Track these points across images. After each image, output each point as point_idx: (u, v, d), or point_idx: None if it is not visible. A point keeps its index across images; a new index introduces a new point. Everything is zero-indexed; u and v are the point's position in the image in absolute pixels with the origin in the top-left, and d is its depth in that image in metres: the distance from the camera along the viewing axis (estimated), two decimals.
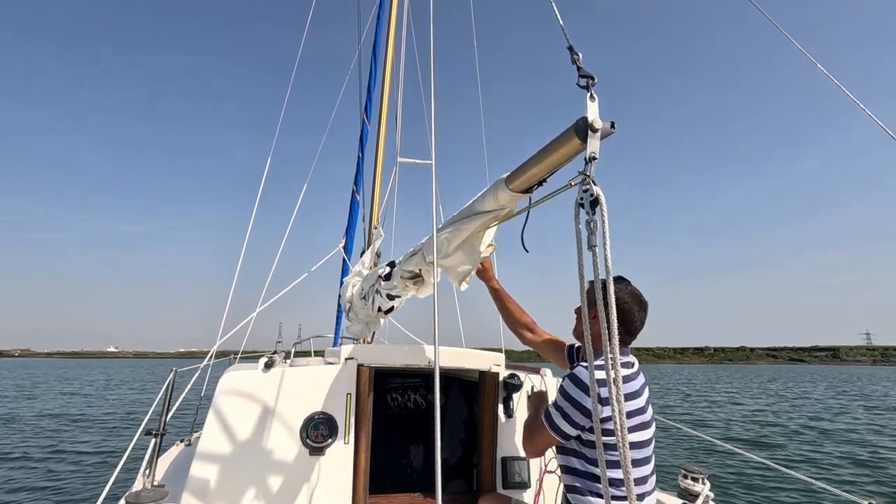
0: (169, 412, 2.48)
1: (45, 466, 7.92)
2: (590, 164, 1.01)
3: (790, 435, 11.57)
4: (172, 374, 2.71)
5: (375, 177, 4.37)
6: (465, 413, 3.02)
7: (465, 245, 1.81)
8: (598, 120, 1.01)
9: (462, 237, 1.76)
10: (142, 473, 2.29)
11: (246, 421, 2.20)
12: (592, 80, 1.07)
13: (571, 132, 1.05)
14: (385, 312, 3.03)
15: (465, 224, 1.71)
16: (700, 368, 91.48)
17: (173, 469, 2.94)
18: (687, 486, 2.40)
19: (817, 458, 9.06)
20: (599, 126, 1.00)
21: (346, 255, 4.80)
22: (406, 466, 3.19)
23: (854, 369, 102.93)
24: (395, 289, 2.53)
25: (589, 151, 1.01)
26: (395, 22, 4.79)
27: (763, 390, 27.71)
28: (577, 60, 1.14)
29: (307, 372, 2.34)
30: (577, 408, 1.50)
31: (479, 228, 1.71)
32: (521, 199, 1.49)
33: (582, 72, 1.10)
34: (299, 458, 2.20)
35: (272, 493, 2.14)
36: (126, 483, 3.23)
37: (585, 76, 1.08)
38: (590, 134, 1.00)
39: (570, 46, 1.20)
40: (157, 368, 57.68)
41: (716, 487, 3.48)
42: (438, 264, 1.96)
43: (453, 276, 1.96)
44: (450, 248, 1.82)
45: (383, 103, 4.52)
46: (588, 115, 1.01)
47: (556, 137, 1.14)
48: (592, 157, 1.01)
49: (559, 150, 1.14)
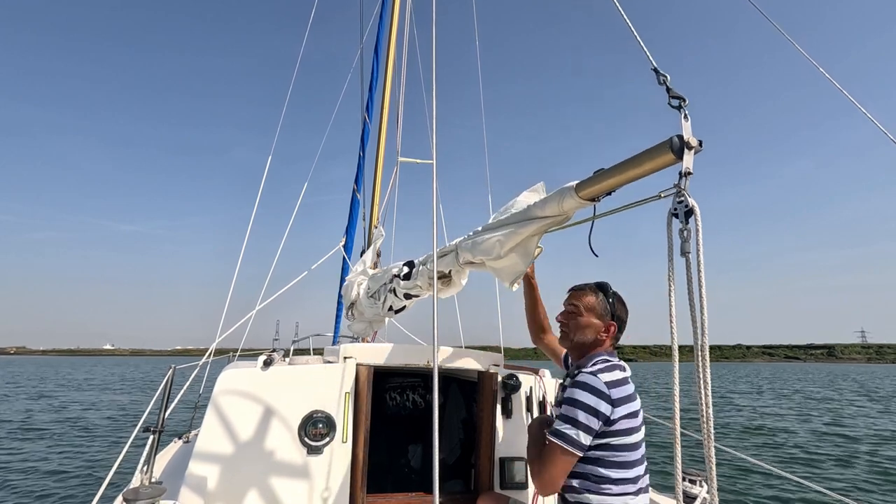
0: (167, 409, 2.48)
1: (42, 463, 7.90)
2: (685, 178, 1.11)
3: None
4: (171, 371, 2.71)
5: (376, 176, 4.38)
6: (463, 413, 3.02)
7: (520, 248, 1.86)
8: (694, 138, 1.10)
9: (518, 240, 1.82)
10: (140, 470, 2.29)
11: (244, 419, 2.20)
12: (684, 101, 1.17)
13: (666, 148, 1.14)
14: (395, 312, 3.04)
15: (522, 227, 1.78)
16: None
17: (171, 466, 2.94)
18: (685, 489, 2.41)
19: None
20: (695, 144, 1.10)
21: (347, 254, 4.80)
22: (404, 466, 3.19)
23: (849, 367, 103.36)
24: (415, 288, 2.54)
25: (685, 167, 1.11)
26: (397, 22, 4.80)
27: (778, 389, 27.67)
28: (666, 82, 1.23)
29: (306, 370, 2.34)
30: (594, 414, 1.49)
31: (536, 232, 1.77)
32: (584, 208, 1.55)
33: (672, 93, 1.19)
34: (297, 457, 2.20)
35: (270, 491, 2.14)
36: (124, 480, 3.22)
37: (676, 97, 1.18)
38: (685, 151, 1.10)
39: (656, 69, 1.29)
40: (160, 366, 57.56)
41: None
42: (489, 265, 2.02)
43: (505, 277, 2.00)
44: (503, 251, 1.88)
45: (385, 103, 4.53)
46: (684, 134, 1.11)
47: (645, 151, 1.21)
48: (688, 171, 1.11)
49: (648, 163, 1.21)
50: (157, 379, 30.57)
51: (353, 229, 4.87)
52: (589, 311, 1.70)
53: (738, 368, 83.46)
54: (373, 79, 4.84)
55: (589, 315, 1.69)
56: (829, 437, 11.48)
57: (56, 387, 24.73)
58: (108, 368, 55.92)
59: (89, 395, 20.15)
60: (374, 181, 4.37)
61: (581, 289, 1.75)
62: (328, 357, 2.68)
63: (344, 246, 4.82)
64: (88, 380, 31.15)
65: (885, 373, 68.47)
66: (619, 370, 1.62)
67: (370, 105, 4.84)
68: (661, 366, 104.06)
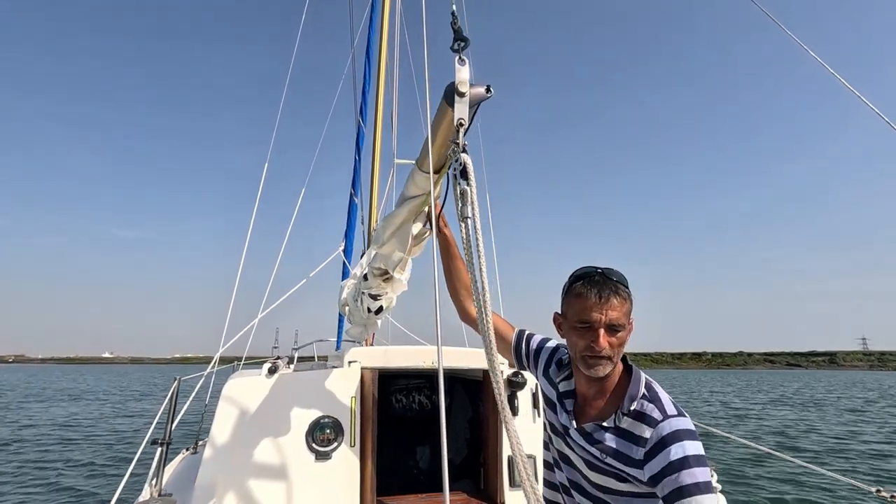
0: (174, 421, 2.48)
1: (52, 477, 7.87)
2: (458, 130, 0.95)
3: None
4: (176, 382, 2.71)
5: (373, 179, 4.37)
6: (469, 412, 3.03)
7: (399, 232, 1.80)
8: (465, 83, 0.96)
9: (396, 223, 1.76)
10: (149, 483, 2.29)
11: (251, 427, 2.20)
12: (465, 42, 1.00)
13: (443, 101, 1.00)
14: (375, 313, 3.03)
15: (396, 210, 1.72)
16: (704, 374, 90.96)
17: (180, 477, 2.94)
18: None
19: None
20: (465, 90, 0.95)
21: (346, 258, 4.80)
22: (413, 468, 3.20)
23: (851, 374, 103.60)
24: (371, 288, 2.54)
25: (457, 117, 0.95)
26: (387, 22, 4.79)
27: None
28: (455, 24, 1.07)
29: (311, 376, 2.35)
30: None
31: (409, 216, 1.71)
32: (437, 179, 1.42)
33: (458, 35, 1.02)
34: (305, 463, 2.20)
35: (279, 498, 2.14)
36: (133, 493, 3.23)
37: (461, 39, 1.01)
38: (457, 99, 0.95)
39: (453, 11, 1.12)
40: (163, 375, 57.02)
41: (722, 479, 3.63)
42: (377, 253, 1.96)
43: (389, 264, 1.96)
44: (385, 236, 1.83)
45: (378, 105, 4.52)
46: (457, 78, 0.96)
47: (437, 110, 1.09)
48: (461, 123, 0.95)
49: (441, 122, 1.08)
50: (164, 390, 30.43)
51: (352, 233, 4.87)
52: (629, 318, 1.18)
53: (742, 375, 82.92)
54: (365, 81, 4.84)
55: (631, 324, 1.19)
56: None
57: (62, 397, 24.63)
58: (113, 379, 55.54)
59: (95, 407, 20.06)
60: (370, 184, 4.37)
61: (619, 293, 1.15)
62: (333, 362, 2.69)
63: (343, 250, 4.82)
64: (91, 390, 31.02)
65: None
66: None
67: (364, 108, 4.83)
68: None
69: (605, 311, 1.12)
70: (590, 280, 1.16)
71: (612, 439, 1.13)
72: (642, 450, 1.08)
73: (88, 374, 63.18)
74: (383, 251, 1.93)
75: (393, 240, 1.84)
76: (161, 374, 57.83)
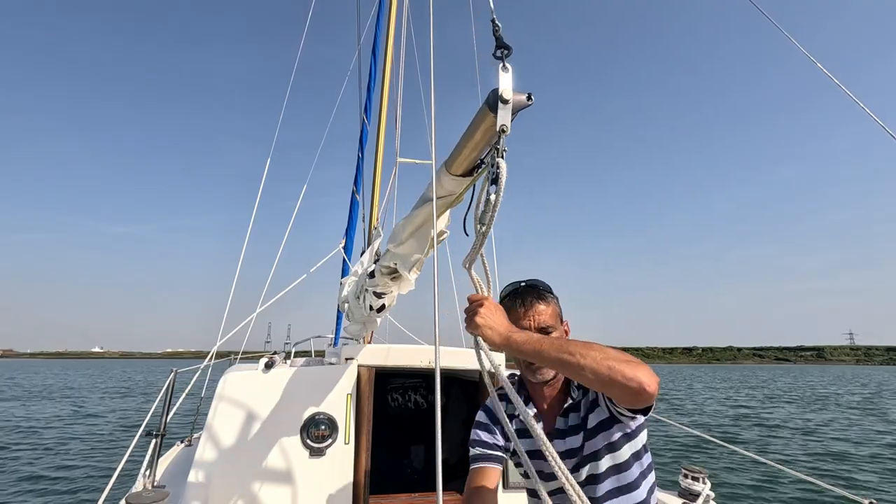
0: (169, 413, 2.46)
1: (45, 468, 7.82)
2: (500, 137, 0.99)
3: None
4: (173, 375, 2.69)
5: (375, 177, 4.37)
6: (465, 413, 3.02)
7: (419, 232, 1.80)
8: (509, 90, 0.98)
9: (416, 223, 1.76)
10: (142, 474, 2.27)
11: (246, 421, 2.19)
12: (508, 51, 1.03)
13: (485, 106, 1.03)
14: (377, 311, 3.03)
15: (417, 210, 1.72)
16: (697, 368, 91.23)
17: (174, 470, 2.92)
18: (688, 486, 2.42)
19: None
20: (509, 97, 0.98)
21: (346, 255, 4.79)
22: (407, 467, 3.19)
23: (839, 368, 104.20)
24: (377, 286, 2.53)
25: (499, 124, 0.99)
26: (394, 21, 4.79)
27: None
28: (498, 31, 1.10)
29: (307, 372, 2.34)
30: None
31: (430, 217, 1.70)
32: (467, 183, 1.44)
33: (500, 43, 1.05)
34: (300, 459, 2.19)
35: (273, 493, 2.13)
36: (126, 484, 3.19)
37: (503, 47, 1.04)
38: (500, 106, 0.98)
39: (493, 19, 1.15)
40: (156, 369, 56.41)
41: (716, 487, 3.54)
42: (393, 253, 1.95)
43: (406, 264, 1.94)
44: (403, 235, 1.82)
45: (383, 103, 4.52)
46: (500, 86, 0.99)
47: (477, 112, 1.11)
48: (503, 129, 0.99)
49: (479, 127, 1.11)
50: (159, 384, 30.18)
51: (352, 230, 4.86)
52: (558, 318, 1.30)
53: (734, 370, 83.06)
54: (371, 79, 4.83)
55: (566, 325, 1.32)
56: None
57: (54, 391, 24.42)
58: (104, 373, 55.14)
59: (88, 400, 19.91)
60: (373, 182, 4.36)
61: (543, 298, 1.28)
62: (330, 359, 2.68)
63: (344, 247, 4.82)
64: (85, 385, 30.76)
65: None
66: None
67: (368, 105, 4.83)
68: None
69: (532, 317, 1.23)
70: (515, 293, 1.29)
71: (578, 408, 1.26)
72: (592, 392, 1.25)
73: (73, 371, 62.14)
74: (400, 251, 1.91)
75: (411, 240, 1.83)
76: (148, 369, 57.20)
